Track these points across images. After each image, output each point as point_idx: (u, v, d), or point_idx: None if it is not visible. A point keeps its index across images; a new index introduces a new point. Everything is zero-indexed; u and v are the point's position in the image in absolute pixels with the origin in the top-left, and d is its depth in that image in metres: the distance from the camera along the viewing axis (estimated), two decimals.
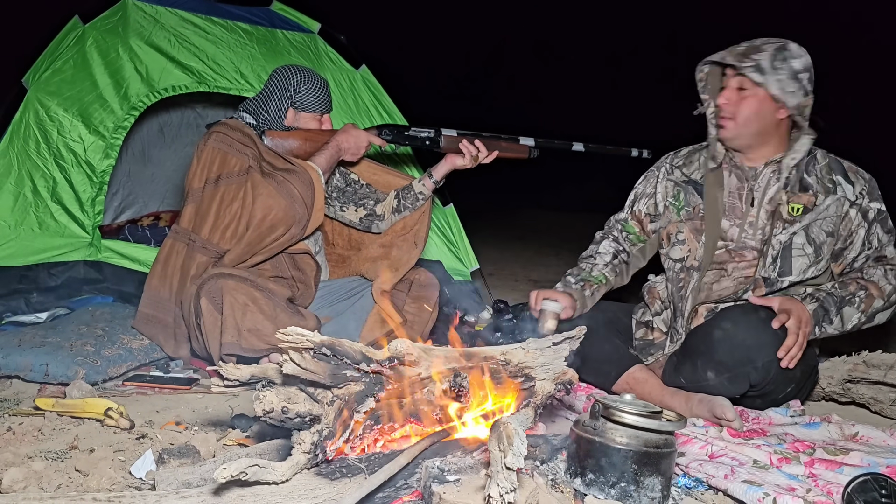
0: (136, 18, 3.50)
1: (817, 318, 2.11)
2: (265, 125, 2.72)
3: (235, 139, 2.63)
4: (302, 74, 2.75)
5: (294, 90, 2.73)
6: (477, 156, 2.71)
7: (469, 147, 2.70)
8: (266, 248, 2.57)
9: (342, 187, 2.91)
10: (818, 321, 2.12)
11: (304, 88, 2.73)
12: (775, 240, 2.20)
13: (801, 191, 2.22)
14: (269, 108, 2.72)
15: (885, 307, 2.15)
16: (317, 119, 2.79)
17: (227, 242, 2.56)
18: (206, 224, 2.56)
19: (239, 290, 2.40)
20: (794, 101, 2.15)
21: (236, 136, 2.64)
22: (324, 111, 2.80)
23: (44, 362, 2.33)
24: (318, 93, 2.75)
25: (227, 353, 2.34)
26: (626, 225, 2.52)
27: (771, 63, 2.14)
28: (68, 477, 1.62)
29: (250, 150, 2.62)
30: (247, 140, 2.65)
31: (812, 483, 1.65)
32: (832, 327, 2.14)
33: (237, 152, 2.61)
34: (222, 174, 2.59)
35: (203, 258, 2.57)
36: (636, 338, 2.42)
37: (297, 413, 1.42)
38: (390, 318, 2.62)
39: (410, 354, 1.47)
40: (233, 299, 2.37)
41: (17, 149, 3.22)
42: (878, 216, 2.21)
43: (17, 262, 3.12)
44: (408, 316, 2.70)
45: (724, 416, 2.02)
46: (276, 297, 2.49)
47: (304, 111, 2.76)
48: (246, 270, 2.53)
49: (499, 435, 1.30)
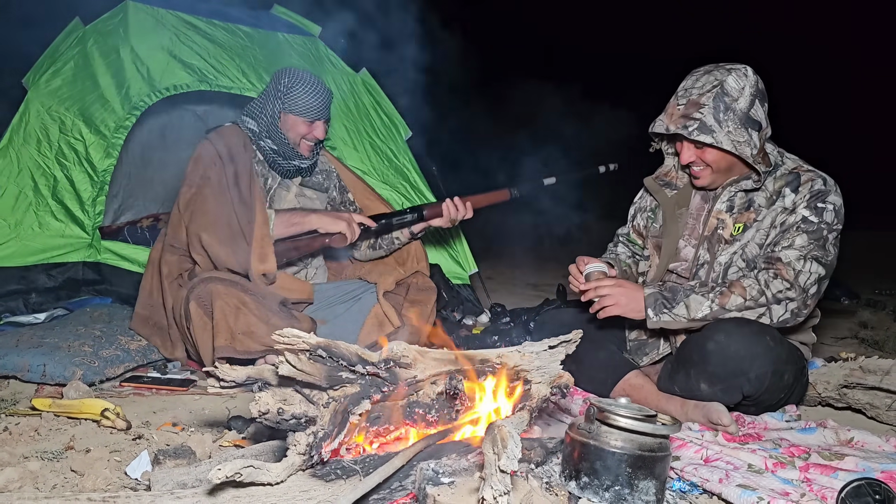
0: (137, 20, 3.52)
1: (651, 301, 2.11)
2: (263, 130, 2.71)
3: (221, 146, 2.68)
4: (295, 75, 2.67)
5: (285, 90, 2.65)
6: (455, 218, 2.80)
7: (450, 207, 2.77)
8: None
9: (336, 203, 2.94)
10: (653, 305, 2.11)
11: (296, 90, 2.63)
12: (716, 262, 2.21)
13: (745, 210, 2.21)
14: (266, 111, 2.71)
15: (748, 307, 2.07)
16: (306, 125, 2.68)
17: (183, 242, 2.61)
18: (171, 223, 2.65)
19: (230, 294, 2.41)
20: (749, 150, 2.08)
21: (221, 144, 2.68)
22: (314, 117, 2.67)
23: (41, 363, 2.33)
24: (308, 96, 2.63)
25: (221, 356, 2.34)
26: (629, 237, 2.56)
27: (714, 117, 2.06)
28: (64, 477, 1.62)
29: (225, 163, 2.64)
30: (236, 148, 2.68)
31: (807, 488, 1.65)
32: (675, 314, 2.10)
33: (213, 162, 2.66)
34: (194, 179, 2.66)
35: (173, 257, 2.62)
36: (630, 339, 2.43)
37: (292, 414, 1.42)
38: (389, 320, 2.64)
39: (406, 357, 1.47)
40: (223, 303, 2.38)
41: (18, 148, 3.22)
42: (803, 223, 2.10)
43: (17, 263, 3.12)
44: (406, 319, 2.71)
45: (720, 420, 2.02)
46: (268, 300, 2.49)
47: (292, 113, 2.65)
48: (236, 275, 2.53)
49: (493, 438, 1.30)
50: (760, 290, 2.07)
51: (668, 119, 2.15)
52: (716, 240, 2.23)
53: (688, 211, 2.34)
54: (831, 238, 2.12)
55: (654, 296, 2.13)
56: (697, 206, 2.32)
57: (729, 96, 2.07)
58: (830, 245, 2.12)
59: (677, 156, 2.27)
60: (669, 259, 2.33)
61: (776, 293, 2.06)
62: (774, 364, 2.05)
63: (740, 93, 2.08)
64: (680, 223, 2.34)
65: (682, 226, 2.33)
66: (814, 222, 2.11)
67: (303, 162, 2.77)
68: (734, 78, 2.09)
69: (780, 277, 2.08)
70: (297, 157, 2.74)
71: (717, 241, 2.22)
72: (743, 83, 2.09)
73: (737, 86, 2.08)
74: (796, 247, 2.09)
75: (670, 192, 2.37)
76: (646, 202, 2.50)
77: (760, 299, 2.07)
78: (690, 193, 2.35)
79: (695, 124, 2.07)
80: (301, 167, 2.78)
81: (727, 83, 2.08)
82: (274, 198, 2.79)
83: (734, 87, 2.08)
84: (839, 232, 2.14)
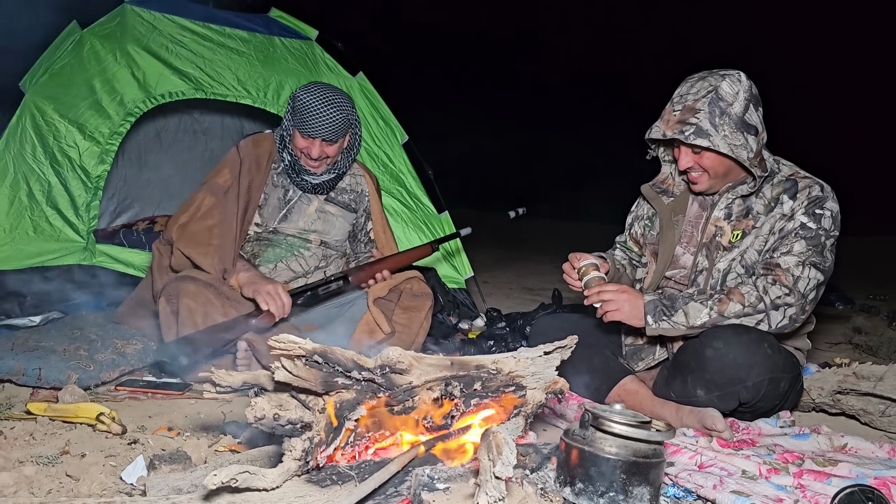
0: (134, 24, 3.52)
1: (650, 308, 2.12)
2: (283, 141, 2.71)
3: (247, 154, 2.70)
4: (308, 89, 2.60)
5: (293, 101, 2.61)
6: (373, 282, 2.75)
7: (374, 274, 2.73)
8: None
9: (358, 229, 2.93)
10: (652, 312, 2.12)
11: (299, 102, 2.56)
12: (715, 269, 2.22)
13: (744, 217, 2.22)
14: (284, 122, 2.70)
15: (746, 313, 2.08)
16: (302, 140, 2.59)
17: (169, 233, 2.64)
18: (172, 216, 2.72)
19: (199, 295, 2.42)
20: (745, 153, 2.10)
21: (247, 152, 2.70)
22: (309, 134, 2.56)
23: (36, 366, 2.32)
24: (306, 112, 2.53)
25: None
26: (626, 245, 2.57)
27: (710, 121, 2.08)
28: (59, 482, 1.61)
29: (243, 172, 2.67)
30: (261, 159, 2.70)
31: (800, 494, 1.66)
32: (674, 321, 2.11)
33: (231, 169, 2.68)
34: (210, 181, 2.69)
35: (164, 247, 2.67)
36: (626, 344, 2.43)
37: (288, 420, 1.43)
38: (380, 327, 2.61)
39: (402, 363, 1.48)
40: (190, 301, 2.40)
41: (14, 152, 3.23)
42: (801, 229, 2.12)
43: (12, 266, 3.12)
44: (397, 326, 2.68)
45: (714, 426, 2.03)
46: (240, 306, 2.50)
47: (294, 126, 2.60)
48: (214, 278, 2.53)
49: (488, 444, 1.31)
50: (759, 297, 2.08)
51: (665, 125, 2.16)
52: (714, 247, 2.24)
53: (685, 218, 2.35)
54: (829, 244, 2.14)
55: (654, 303, 2.14)
56: (695, 214, 2.34)
57: (724, 101, 2.09)
58: (828, 251, 2.14)
59: (674, 162, 2.28)
60: (666, 266, 2.34)
61: (775, 299, 2.08)
62: (772, 372, 2.07)
63: (735, 97, 2.10)
64: (677, 230, 2.35)
65: (680, 233, 2.35)
66: (812, 228, 2.13)
67: (313, 178, 2.72)
68: (728, 83, 2.11)
69: (778, 283, 2.09)
70: (306, 171, 2.69)
71: (715, 248, 2.24)
72: (737, 88, 2.11)
73: (731, 91, 2.10)
74: (795, 253, 2.11)
75: (667, 199, 2.39)
76: (643, 210, 2.51)
77: (759, 305, 2.08)
78: (687, 201, 2.37)
79: (691, 129, 2.09)
80: (314, 183, 2.73)
81: (721, 88, 2.10)
82: (293, 209, 2.77)
83: (728, 91, 2.10)
84: (836, 238, 2.17)
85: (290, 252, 2.77)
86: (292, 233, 2.77)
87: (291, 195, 2.77)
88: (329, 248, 2.85)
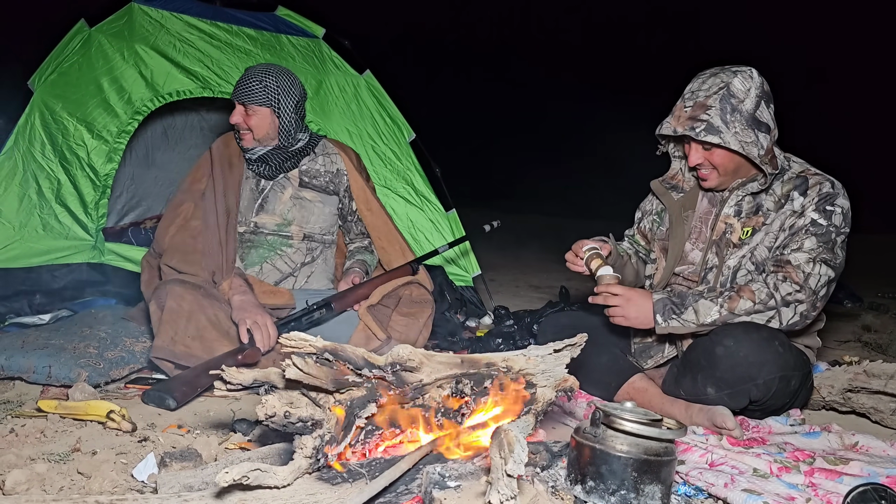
0: (141, 23, 3.53)
1: (660, 307, 2.11)
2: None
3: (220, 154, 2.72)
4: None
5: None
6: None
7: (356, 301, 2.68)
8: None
9: (345, 212, 2.92)
10: (661, 311, 2.11)
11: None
12: (725, 266, 2.22)
13: (754, 214, 2.21)
14: None
15: (757, 310, 2.07)
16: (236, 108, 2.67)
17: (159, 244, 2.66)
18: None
19: (185, 296, 2.40)
20: (756, 150, 2.09)
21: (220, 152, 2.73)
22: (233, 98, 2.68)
23: (46, 364, 2.34)
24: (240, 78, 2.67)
25: (156, 355, 2.34)
26: (633, 239, 2.56)
27: (721, 118, 2.07)
28: (70, 479, 1.62)
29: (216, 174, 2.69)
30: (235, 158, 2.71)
31: (812, 492, 1.65)
32: (684, 319, 2.10)
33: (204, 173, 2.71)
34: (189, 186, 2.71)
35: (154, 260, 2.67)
36: (634, 342, 2.43)
37: (298, 417, 1.43)
38: (374, 334, 2.59)
39: (412, 360, 1.48)
40: (175, 304, 2.38)
41: (23, 150, 3.24)
42: (812, 225, 2.11)
43: (21, 264, 3.13)
44: (394, 333, 2.64)
45: (725, 424, 2.02)
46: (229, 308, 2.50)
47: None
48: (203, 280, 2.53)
49: (500, 441, 1.30)
50: (770, 294, 2.07)
51: (676, 121, 2.16)
52: (724, 244, 2.23)
53: (694, 214, 2.34)
54: (839, 241, 2.13)
55: (663, 301, 2.13)
56: (705, 210, 2.33)
57: (735, 98, 2.08)
58: (839, 248, 2.13)
59: (684, 158, 2.27)
60: (676, 262, 2.33)
61: (785, 296, 2.07)
62: (782, 370, 2.06)
63: (746, 94, 2.09)
64: (686, 226, 2.34)
65: (689, 229, 2.34)
66: (822, 225, 2.11)
67: (250, 154, 2.72)
68: (740, 80, 2.10)
69: (789, 280, 2.08)
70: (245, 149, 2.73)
71: (725, 244, 2.23)
72: (749, 85, 2.10)
73: (742, 87, 2.10)
74: (805, 249, 2.10)
75: (677, 195, 2.38)
76: (652, 205, 2.50)
77: (770, 302, 2.07)
78: (697, 197, 2.36)
79: (702, 125, 2.08)
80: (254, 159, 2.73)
81: (733, 85, 2.09)
82: (268, 199, 2.76)
83: (740, 88, 2.09)
84: (847, 235, 2.15)
85: (273, 251, 2.77)
86: (272, 228, 2.76)
87: (264, 185, 2.78)
88: (313, 240, 2.82)
